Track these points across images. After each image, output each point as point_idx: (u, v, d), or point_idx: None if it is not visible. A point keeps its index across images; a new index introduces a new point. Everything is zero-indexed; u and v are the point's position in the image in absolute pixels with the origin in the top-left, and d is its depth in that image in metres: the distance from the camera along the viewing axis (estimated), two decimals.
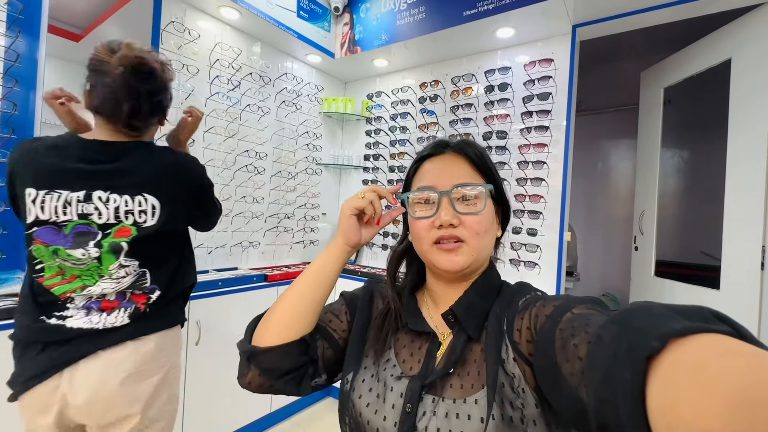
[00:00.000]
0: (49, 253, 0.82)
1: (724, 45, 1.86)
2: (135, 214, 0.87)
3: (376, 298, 0.66)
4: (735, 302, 1.73)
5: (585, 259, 3.37)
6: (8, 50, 1.31)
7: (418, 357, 0.55)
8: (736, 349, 0.25)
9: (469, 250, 0.53)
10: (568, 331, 0.39)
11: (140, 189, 0.87)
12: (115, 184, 0.85)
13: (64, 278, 0.84)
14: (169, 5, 1.79)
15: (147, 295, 0.91)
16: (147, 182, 0.88)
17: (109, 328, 0.85)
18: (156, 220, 0.89)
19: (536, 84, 2.01)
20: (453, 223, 0.53)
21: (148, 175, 0.89)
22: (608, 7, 1.75)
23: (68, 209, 0.82)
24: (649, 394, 0.26)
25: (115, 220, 0.85)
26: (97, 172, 0.84)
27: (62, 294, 0.84)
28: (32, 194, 0.80)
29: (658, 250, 2.32)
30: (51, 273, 0.83)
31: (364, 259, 2.79)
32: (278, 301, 0.57)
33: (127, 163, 0.87)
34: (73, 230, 0.82)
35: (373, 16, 2.34)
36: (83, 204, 0.82)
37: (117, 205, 0.85)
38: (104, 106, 0.85)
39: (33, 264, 0.83)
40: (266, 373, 0.54)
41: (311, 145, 2.63)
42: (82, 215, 0.83)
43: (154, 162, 0.90)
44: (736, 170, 1.76)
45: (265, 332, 0.55)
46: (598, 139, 3.40)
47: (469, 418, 0.46)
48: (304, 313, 0.56)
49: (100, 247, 0.84)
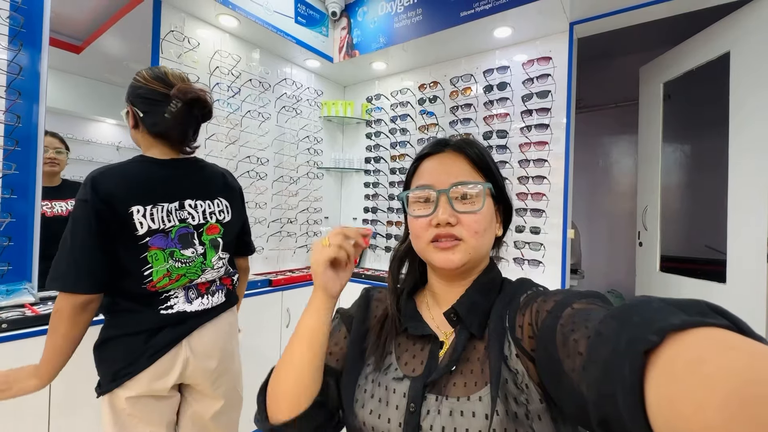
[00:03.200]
0: (165, 256, 0.96)
1: (722, 38, 1.86)
2: (216, 213, 1.07)
3: (372, 306, 0.65)
4: (742, 295, 1.72)
5: (589, 257, 3.36)
6: (11, 63, 1.32)
7: (420, 359, 0.54)
8: (735, 343, 0.25)
9: (466, 249, 0.53)
10: (569, 327, 0.39)
11: (215, 194, 1.08)
12: (197, 192, 1.04)
13: (171, 279, 0.97)
14: (168, 15, 1.81)
15: (231, 278, 1.15)
16: (216, 188, 1.09)
17: (214, 306, 1.07)
18: (230, 217, 1.11)
19: (535, 82, 2.01)
20: (450, 222, 0.53)
21: (214, 182, 1.10)
22: (605, 4, 1.76)
23: (171, 217, 0.97)
24: (647, 388, 0.26)
25: (204, 221, 1.04)
26: (180, 185, 1.01)
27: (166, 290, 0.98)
28: (140, 210, 0.92)
29: (662, 246, 2.31)
30: (159, 276, 0.95)
31: (368, 261, 2.79)
32: (279, 372, 0.55)
33: (198, 175, 1.07)
34: (177, 233, 0.98)
35: (371, 19, 2.35)
36: (179, 211, 0.99)
37: (203, 208, 1.04)
38: (171, 133, 1.00)
39: (141, 272, 0.93)
40: None
41: (312, 150, 2.64)
42: (181, 220, 0.99)
43: (213, 172, 1.12)
44: (740, 163, 1.76)
45: (278, 409, 0.53)
46: (599, 136, 3.39)
47: (474, 415, 0.45)
48: (309, 381, 0.53)
49: (203, 244, 1.03)
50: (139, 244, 0.92)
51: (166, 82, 0.97)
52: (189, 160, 1.07)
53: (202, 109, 1.02)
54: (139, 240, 0.92)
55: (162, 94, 0.96)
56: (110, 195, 0.88)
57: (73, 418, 1.21)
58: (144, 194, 0.93)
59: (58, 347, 0.85)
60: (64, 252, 0.86)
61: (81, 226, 0.86)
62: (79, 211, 0.86)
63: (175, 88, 0.96)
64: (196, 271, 1.02)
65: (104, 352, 0.94)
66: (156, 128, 0.98)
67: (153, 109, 0.96)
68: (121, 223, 0.90)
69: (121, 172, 0.93)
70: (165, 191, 0.97)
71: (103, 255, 0.87)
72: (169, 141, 1.01)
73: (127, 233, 0.91)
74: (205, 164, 1.12)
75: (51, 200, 1.87)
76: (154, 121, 0.97)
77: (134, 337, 0.93)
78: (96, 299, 0.89)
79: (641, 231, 2.46)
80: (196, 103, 0.99)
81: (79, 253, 0.86)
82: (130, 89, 1.00)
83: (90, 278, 0.86)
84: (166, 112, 0.96)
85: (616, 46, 3.03)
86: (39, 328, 1.15)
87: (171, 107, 0.96)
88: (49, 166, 1.81)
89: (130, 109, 1.00)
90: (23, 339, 1.12)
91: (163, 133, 0.99)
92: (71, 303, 0.85)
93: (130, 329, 0.94)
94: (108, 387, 0.92)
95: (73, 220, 0.87)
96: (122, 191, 0.90)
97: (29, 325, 1.15)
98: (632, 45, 3.02)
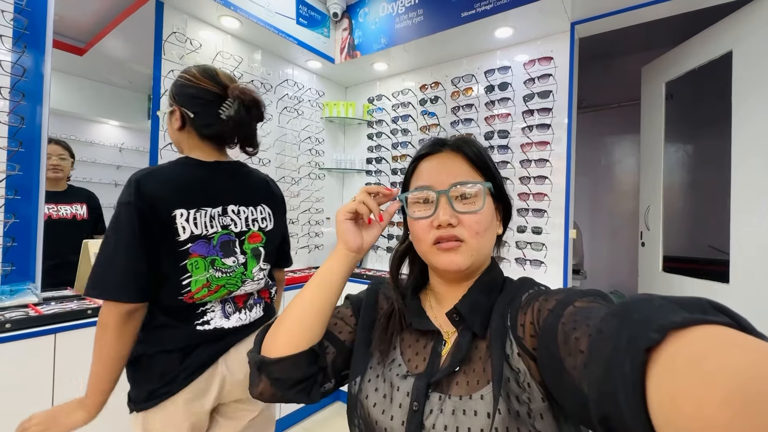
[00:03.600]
0: (206, 265, 0.90)
1: (724, 37, 1.85)
2: (259, 221, 1.01)
3: (380, 299, 0.66)
4: (745, 295, 1.71)
5: (591, 257, 3.35)
6: (15, 65, 1.33)
7: (423, 356, 0.55)
8: (736, 341, 0.25)
9: (469, 250, 0.53)
10: (570, 325, 0.39)
11: (258, 201, 1.02)
12: (240, 198, 0.98)
13: (210, 290, 0.91)
14: (170, 17, 1.82)
15: (269, 291, 1.08)
16: (259, 194, 1.04)
17: (252, 321, 1.00)
18: (273, 225, 1.05)
19: (536, 82, 2.01)
20: (452, 223, 0.52)
21: (257, 188, 1.04)
22: (606, 4, 1.76)
23: (213, 222, 0.92)
24: (649, 386, 0.26)
25: (246, 228, 0.98)
26: (224, 189, 0.96)
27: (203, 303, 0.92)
28: (184, 214, 0.87)
29: (665, 246, 2.30)
30: (198, 286, 0.89)
31: (370, 262, 2.79)
32: (286, 311, 0.57)
33: (242, 180, 1.01)
34: (219, 240, 0.92)
35: (372, 20, 2.35)
36: (222, 217, 0.94)
37: (246, 215, 0.98)
38: (226, 134, 0.95)
39: (179, 281, 0.87)
40: (276, 383, 0.54)
41: (314, 150, 2.64)
42: (224, 226, 0.94)
43: (256, 178, 1.07)
44: (742, 162, 1.75)
45: (274, 342, 0.55)
46: (601, 136, 3.39)
47: (476, 413, 0.46)
48: (312, 322, 0.55)
49: (245, 254, 0.97)
50: (180, 251, 0.86)
51: (217, 81, 0.92)
52: (233, 163, 1.01)
53: (258, 111, 0.98)
54: (180, 246, 0.86)
55: (214, 94, 0.91)
56: (154, 197, 0.83)
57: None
58: (188, 197, 0.88)
59: (106, 367, 0.79)
60: (105, 256, 0.80)
61: (124, 229, 0.80)
62: (123, 214, 0.81)
63: (234, 88, 0.92)
64: (236, 282, 0.95)
65: (138, 370, 0.88)
66: (209, 130, 0.93)
67: (205, 109, 0.91)
68: (163, 227, 0.84)
69: (165, 174, 0.88)
70: (208, 195, 0.92)
71: (147, 260, 0.82)
72: (218, 143, 0.97)
73: (169, 238, 0.85)
74: (249, 169, 1.06)
75: (57, 204, 1.89)
76: (207, 122, 0.92)
77: (169, 354, 0.87)
78: (142, 308, 0.83)
79: (643, 231, 2.45)
80: (254, 105, 0.95)
81: (123, 257, 0.79)
82: (177, 88, 0.94)
83: (135, 285, 0.80)
84: (221, 113, 0.91)
85: (618, 45, 3.03)
86: (42, 328, 1.16)
87: (226, 108, 0.91)
88: (52, 172, 1.84)
89: (177, 109, 0.93)
90: (26, 339, 1.13)
91: (217, 135, 0.94)
92: (116, 313, 0.79)
93: (166, 346, 0.87)
94: (142, 405, 0.86)
95: (115, 222, 0.81)
96: (166, 193, 0.85)
97: (32, 325, 1.15)
98: (634, 44, 3.01)
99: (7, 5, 1.31)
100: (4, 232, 1.31)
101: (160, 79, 1.77)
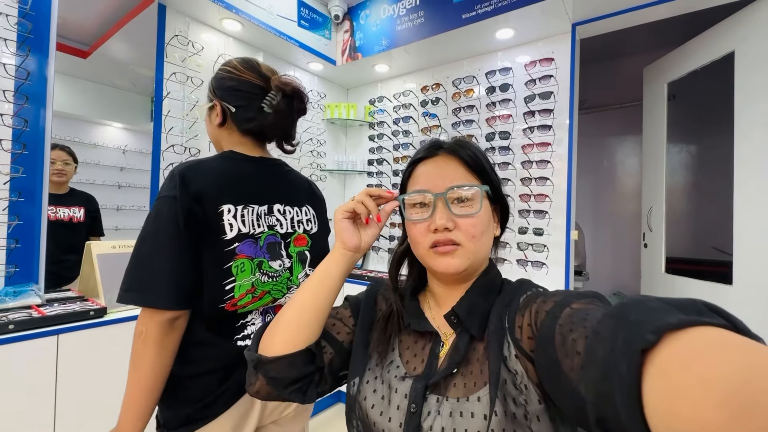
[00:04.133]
0: (252, 267, 0.81)
1: (726, 38, 1.85)
2: (304, 223, 0.94)
3: (379, 300, 0.66)
4: (748, 297, 1.70)
5: (594, 258, 3.33)
6: (19, 68, 1.34)
7: (421, 357, 0.55)
8: (732, 342, 0.25)
9: (465, 253, 0.53)
10: (567, 327, 0.39)
11: (303, 201, 0.96)
12: (285, 197, 0.91)
13: (254, 296, 0.82)
14: (173, 20, 1.83)
15: None
16: (303, 194, 0.97)
17: None
18: (317, 228, 0.98)
19: (538, 83, 2.01)
20: (448, 227, 0.52)
21: (302, 188, 0.98)
22: (607, 5, 1.75)
23: (260, 221, 0.84)
24: (645, 387, 0.26)
25: (292, 230, 0.91)
26: (270, 187, 0.89)
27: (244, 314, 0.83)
28: (231, 210, 0.79)
29: (668, 247, 2.29)
30: (241, 293, 0.79)
31: (371, 263, 2.79)
32: (284, 310, 0.57)
33: (287, 178, 0.95)
34: (266, 241, 0.85)
35: (373, 22, 2.36)
36: (268, 216, 0.86)
37: (292, 216, 0.91)
38: (269, 129, 0.88)
39: (222, 286, 0.77)
40: (273, 382, 0.54)
41: (315, 152, 2.65)
42: (270, 226, 0.86)
43: (300, 178, 1.00)
44: (745, 163, 1.74)
45: (272, 341, 0.55)
46: (603, 137, 3.38)
47: (473, 415, 0.46)
48: (309, 322, 0.56)
49: (290, 257, 0.89)
50: (226, 251, 0.77)
51: (260, 73, 0.86)
52: (275, 161, 0.94)
53: (300, 103, 0.89)
54: (227, 246, 0.77)
55: (258, 87, 0.84)
56: (201, 191, 0.75)
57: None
58: (235, 192, 0.81)
59: (144, 385, 0.70)
60: (143, 255, 0.71)
61: (167, 226, 0.71)
62: (165, 209, 0.72)
63: (275, 79, 0.85)
64: (281, 288, 0.87)
65: (172, 392, 0.77)
66: (250, 124, 0.86)
67: (248, 103, 0.84)
68: (208, 225, 0.76)
69: (211, 167, 0.81)
70: (255, 192, 0.85)
71: (190, 262, 0.73)
72: (262, 138, 0.91)
73: (214, 237, 0.76)
74: (291, 169, 0.99)
75: (56, 206, 1.94)
76: (249, 117, 0.85)
77: (209, 375, 0.78)
78: (184, 316, 0.74)
79: (646, 232, 2.44)
80: (296, 96, 0.87)
81: (165, 257, 0.71)
82: (217, 82, 0.87)
83: (178, 289, 0.71)
84: (264, 107, 0.84)
85: (619, 46, 3.02)
86: (44, 329, 1.17)
87: (269, 100, 0.84)
88: (57, 176, 1.92)
89: (218, 104, 0.86)
90: (30, 340, 1.13)
91: (259, 129, 0.87)
92: (157, 322, 0.69)
93: (205, 367, 0.78)
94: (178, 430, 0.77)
95: (155, 218, 0.72)
96: (213, 187, 0.77)
97: (35, 326, 1.16)
98: (636, 45, 3.00)
99: (11, 9, 1.33)
100: (7, 233, 1.32)
101: (162, 81, 1.78)
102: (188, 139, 1.90)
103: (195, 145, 1.93)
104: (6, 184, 1.32)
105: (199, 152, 1.92)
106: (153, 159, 1.77)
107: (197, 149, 1.93)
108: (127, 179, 3.33)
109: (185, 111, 1.87)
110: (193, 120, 1.91)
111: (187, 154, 1.88)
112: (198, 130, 1.94)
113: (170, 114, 1.82)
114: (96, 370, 1.26)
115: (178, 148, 1.85)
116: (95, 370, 1.26)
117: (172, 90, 1.82)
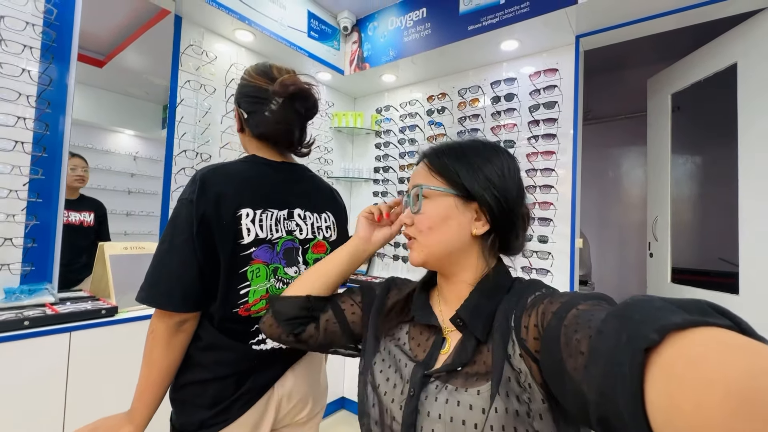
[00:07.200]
0: (268, 273, 0.81)
1: (729, 49, 1.87)
2: (323, 229, 0.92)
3: (392, 292, 0.70)
4: (755, 307, 1.69)
5: (599, 268, 3.32)
6: (42, 75, 1.40)
7: (424, 348, 0.58)
8: (736, 343, 0.25)
9: (419, 246, 0.59)
10: (572, 327, 0.39)
11: (323, 207, 0.94)
12: (306, 202, 0.90)
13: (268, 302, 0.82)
14: (188, 30, 1.90)
15: None
16: (324, 201, 0.96)
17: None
18: (337, 236, 0.96)
19: (542, 93, 2.05)
20: (406, 222, 0.61)
21: (323, 194, 0.97)
22: (610, 17, 1.79)
23: (279, 226, 0.83)
24: (647, 386, 0.26)
25: (311, 236, 0.89)
26: (291, 191, 0.88)
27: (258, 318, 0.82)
28: (250, 214, 0.78)
29: (674, 257, 2.28)
30: (255, 298, 0.79)
31: (376, 270, 2.80)
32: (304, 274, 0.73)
33: (308, 183, 0.94)
34: (283, 247, 0.84)
35: (381, 33, 2.42)
36: (287, 221, 0.85)
37: (312, 221, 0.90)
38: (273, 134, 0.86)
39: (236, 290, 0.77)
40: (276, 314, 0.67)
41: (322, 159, 2.69)
42: (288, 232, 0.85)
43: (322, 184, 0.99)
44: (750, 173, 1.75)
45: (287, 290, 0.70)
46: (608, 148, 3.39)
47: (471, 407, 0.47)
48: (312, 279, 0.70)
49: (307, 264, 0.88)
50: (242, 256, 0.77)
51: (270, 76, 0.86)
52: (296, 166, 0.94)
53: (305, 103, 0.88)
54: (243, 250, 0.77)
55: (266, 91, 0.84)
56: (219, 195, 0.75)
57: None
58: (254, 196, 0.80)
59: (153, 378, 0.73)
60: (159, 256, 0.73)
61: (181, 230, 0.73)
62: (183, 212, 0.73)
63: (276, 83, 0.83)
64: None
65: (185, 396, 0.78)
66: (258, 130, 0.85)
67: (257, 108, 0.84)
68: (225, 228, 0.75)
69: (231, 170, 0.81)
70: (275, 196, 0.84)
71: (202, 266, 0.74)
72: (272, 144, 0.89)
73: (231, 241, 0.76)
74: (313, 174, 0.98)
75: (68, 210, 2.00)
76: (257, 122, 0.84)
77: (223, 380, 0.78)
78: (192, 319, 0.76)
79: (652, 242, 2.44)
80: (297, 97, 0.85)
81: (175, 260, 0.72)
82: (238, 88, 0.89)
83: (183, 293, 0.72)
84: (266, 111, 0.84)
85: (623, 58, 3.06)
86: (58, 327, 1.19)
87: (272, 105, 0.84)
88: (78, 182, 2.03)
89: (236, 110, 0.89)
90: (43, 336, 1.16)
91: (266, 134, 0.86)
92: (164, 322, 0.72)
93: (220, 372, 0.77)
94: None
95: (174, 220, 0.74)
96: (231, 190, 0.77)
97: (49, 323, 1.19)
98: (640, 57, 3.04)
99: (37, 19, 1.39)
100: (25, 233, 1.37)
101: (176, 89, 1.84)
102: (200, 145, 1.96)
103: (206, 150, 1.98)
104: (25, 185, 1.36)
105: (210, 157, 1.97)
106: (165, 163, 1.82)
107: (208, 154, 1.98)
108: (138, 185, 3.39)
109: (197, 117, 1.93)
110: (205, 126, 1.97)
111: (198, 159, 1.93)
112: (209, 135, 1.99)
113: (183, 120, 1.87)
114: (106, 368, 1.28)
115: (189, 153, 1.90)
116: (105, 367, 1.28)
117: (186, 97, 1.88)
